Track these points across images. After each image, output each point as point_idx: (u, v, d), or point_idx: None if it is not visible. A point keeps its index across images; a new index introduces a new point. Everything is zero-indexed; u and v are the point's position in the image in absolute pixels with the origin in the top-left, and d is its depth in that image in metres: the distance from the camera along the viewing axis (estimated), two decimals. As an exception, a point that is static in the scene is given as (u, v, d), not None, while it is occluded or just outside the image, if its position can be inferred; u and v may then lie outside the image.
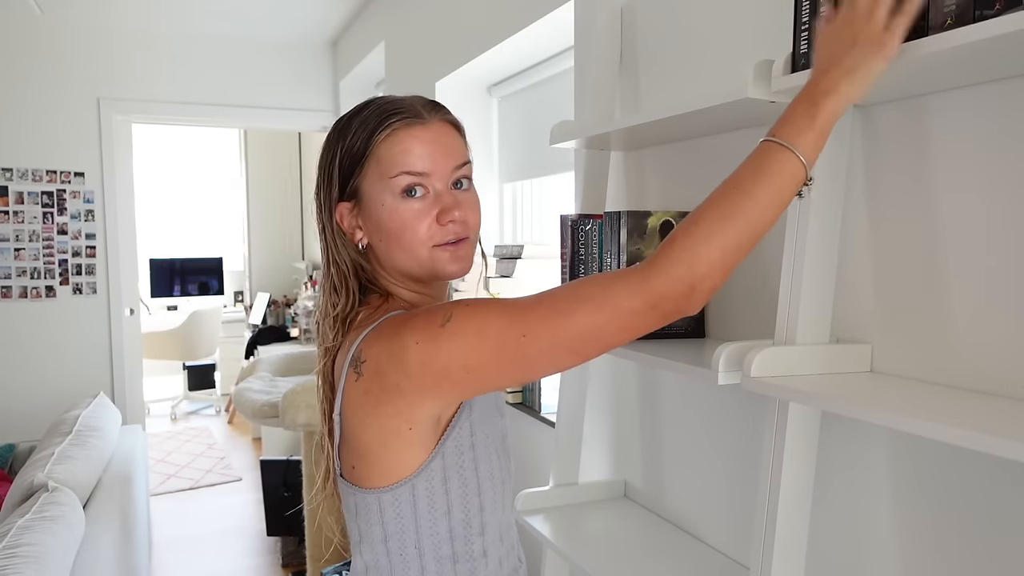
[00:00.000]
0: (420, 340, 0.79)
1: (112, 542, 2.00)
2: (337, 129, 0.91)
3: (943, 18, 0.76)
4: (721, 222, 0.74)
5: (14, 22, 3.87)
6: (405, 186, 0.87)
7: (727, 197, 0.75)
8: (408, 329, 0.80)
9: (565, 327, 0.76)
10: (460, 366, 0.78)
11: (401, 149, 0.87)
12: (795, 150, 0.75)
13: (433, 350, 0.78)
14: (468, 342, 0.78)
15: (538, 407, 2.20)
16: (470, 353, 0.78)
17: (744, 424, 1.32)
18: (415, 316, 0.82)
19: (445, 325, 0.79)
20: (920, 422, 0.76)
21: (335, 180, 0.90)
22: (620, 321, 0.75)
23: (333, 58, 4.53)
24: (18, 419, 3.94)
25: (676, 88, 1.46)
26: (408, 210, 0.87)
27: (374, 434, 0.84)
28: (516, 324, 0.77)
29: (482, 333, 0.78)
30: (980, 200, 0.90)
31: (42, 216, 4.01)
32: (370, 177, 0.88)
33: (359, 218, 0.90)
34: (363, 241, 0.91)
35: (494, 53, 2.47)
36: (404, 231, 0.88)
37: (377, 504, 0.86)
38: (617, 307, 0.74)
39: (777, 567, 1.01)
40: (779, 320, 1.02)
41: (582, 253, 1.46)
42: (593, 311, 0.75)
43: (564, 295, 0.78)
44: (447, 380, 0.80)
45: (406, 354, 0.79)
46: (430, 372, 0.79)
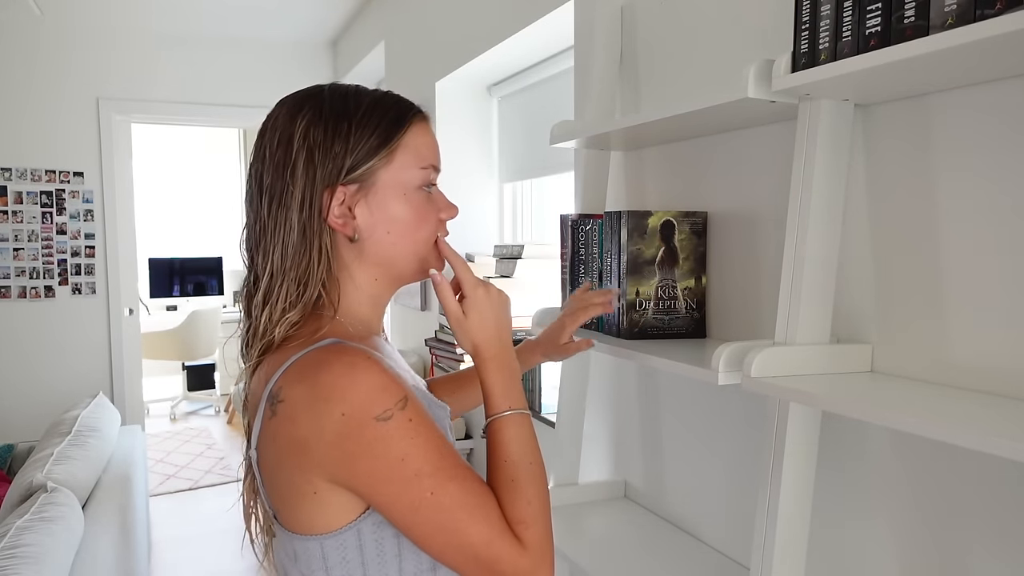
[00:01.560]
0: (348, 414, 0.74)
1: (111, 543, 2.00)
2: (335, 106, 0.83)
3: (943, 18, 0.76)
4: (538, 495, 0.82)
5: (14, 22, 3.87)
6: (429, 180, 0.87)
7: (524, 477, 0.82)
8: (339, 394, 0.74)
9: (456, 526, 0.76)
10: (368, 469, 0.75)
11: (425, 142, 0.87)
12: (520, 409, 0.87)
13: (355, 434, 0.74)
14: (389, 455, 0.75)
15: (538, 407, 2.20)
16: (382, 466, 0.75)
17: (744, 424, 1.32)
18: (351, 379, 0.75)
19: (383, 421, 0.74)
20: (920, 422, 0.76)
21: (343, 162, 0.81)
22: (481, 568, 0.77)
23: (333, 58, 4.53)
24: (17, 419, 3.94)
25: (676, 88, 1.46)
26: (427, 203, 0.87)
27: (286, 484, 0.80)
28: (433, 479, 0.76)
29: (405, 458, 0.75)
30: (981, 200, 0.90)
31: (41, 216, 4.01)
32: (396, 165, 0.84)
33: (357, 207, 0.83)
34: (357, 232, 0.83)
35: (494, 53, 2.47)
36: (421, 224, 0.86)
37: (320, 550, 0.80)
38: (489, 561, 0.77)
39: (777, 567, 1.01)
40: (779, 320, 1.02)
41: (582, 253, 1.46)
42: (478, 545, 0.76)
43: (479, 503, 0.78)
44: (348, 471, 0.76)
45: (326, 419, 0.74)
46: (340, 450, 0.74)
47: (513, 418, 0.85)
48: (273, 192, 0.82)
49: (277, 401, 0.77)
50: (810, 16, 0.92)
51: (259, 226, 0.84)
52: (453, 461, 0.78)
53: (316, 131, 0.82)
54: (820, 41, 0.91)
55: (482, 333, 0.88)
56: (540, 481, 0.83)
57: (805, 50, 0.93)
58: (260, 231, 0.84)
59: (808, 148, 0.99)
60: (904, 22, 0.80)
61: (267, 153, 0.84)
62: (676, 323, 1.33)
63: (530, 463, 0.83)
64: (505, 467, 0.82)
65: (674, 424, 1.51)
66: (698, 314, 1.34)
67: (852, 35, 0.86)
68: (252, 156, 0.87)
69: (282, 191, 0.82)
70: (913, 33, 0.78)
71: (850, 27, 0.87)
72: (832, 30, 0.89)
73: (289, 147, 0.82)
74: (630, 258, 1.30)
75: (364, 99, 0.85)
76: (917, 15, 0.78)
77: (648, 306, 1.32)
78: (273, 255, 0.83)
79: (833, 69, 0.87)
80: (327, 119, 0.82)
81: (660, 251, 1.31)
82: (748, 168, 1.28)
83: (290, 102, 0.86)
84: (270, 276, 0.83)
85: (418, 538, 0.78)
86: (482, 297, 0.88)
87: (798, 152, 1.01)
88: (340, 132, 0.82)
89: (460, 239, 3.00)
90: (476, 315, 0.88)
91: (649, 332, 1.32)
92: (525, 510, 0.80)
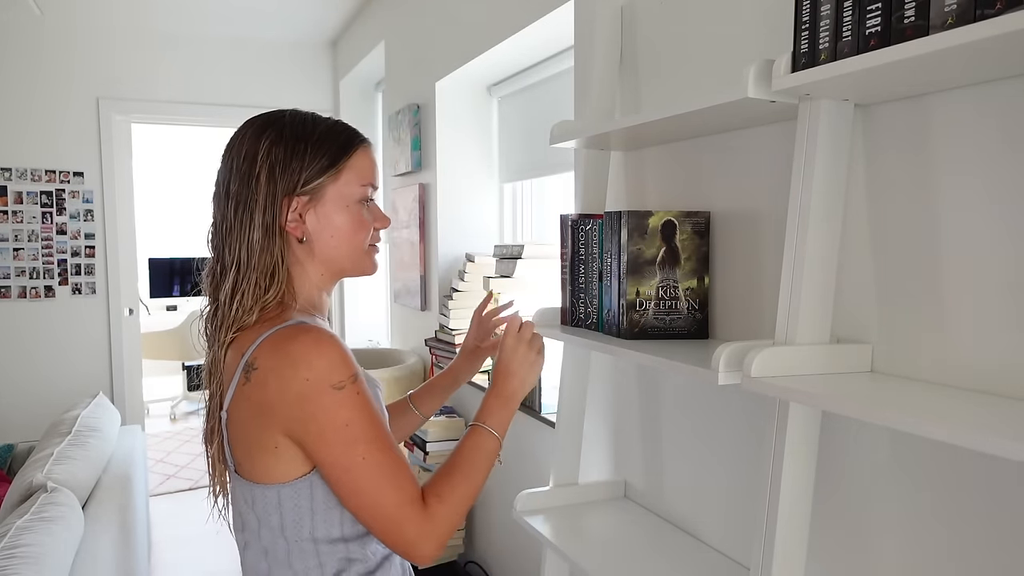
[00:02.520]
0: (311, 380, 0.90)
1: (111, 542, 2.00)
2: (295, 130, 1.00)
3: (943, 18, 0.76)
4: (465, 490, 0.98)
5: (14, 22, 3.87)
6: (368, 196, 1.04)
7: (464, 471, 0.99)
8: (305, 362, 0.90)
9: (376, 489, 0.91)
10: (318, 429, 0.90)
11: (368, 164, 1.05)
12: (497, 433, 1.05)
13: (314, 396, 0.90)
14: (336, 419, 0.90)
15: (538, 407, 2.19)
16: (330, 428, 0.90)
17: (744, 424, 1.32)
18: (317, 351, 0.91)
19: (337, 389, 0.90)
20: (920, 422, 0.76)
21: (298, 176, 0.98)
22: (389, 525, 0.92)
23: (333, 58, 4.53)
24: (17, 419, 3.94)
25: (676, 88, 1.46)
26: (365, 215, 1.04)
27: (254, 441, 0.95)
28: (367, 446, 0.91)
29: (349, 424, 0.91)
30: (981, 200, 0.90)
31: (41, 216, 4.01)
32: (342, 182, 1.01)
33: (307, 213, 0.99)
34: (306, 235, 1.00)
35: (494, 53, 2.47)
36: (358, 231, 1.03)
37: (276, 497, 0.95)
38: (398, 520, 0.92)
39: (777, 567, 1.01)
40: (779, 320, 1.02)
41: (582, 253, 1.46)
42: (390, 505, 0.92)
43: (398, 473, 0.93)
44: (303, 428, 0.91)
45: (291, 382, 0.90)
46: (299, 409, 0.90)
47: (491, 437, 1.03)
48: (239, 198, 0.98)
49: (252, 369, 0.93)
50: (810, 16, 0.92)
51: (225, 225, 1.00)
52: (384, 434, 0.94)
53: (277, 150, 0.98)
54: (820, 41, 0.91)
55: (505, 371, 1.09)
56: (472, 487, 0.98)
57: (805, 50, 0.93)
58: (227, 229, 0.99)
59: (808, 148, 0.99)
60: (904, 22, 0.80)
61: (234, 165, 1.00)
62: (677, 323, 1.33)
63: (475, 471, 1.00)
64: (457, 457, 1.00)
65: (674, 424, 1.51)
66: (700, 315, 1.34)
67: (852, 35, 0.86)
68: (220, 164, 1.03)
69: (247, 198, 0.98)
70: (913, 33, 0.78)
71: (850, 27, 0.87)
72: (832, 30, 0.89)
73: (254, 162, 0.98)
74: (630, 258, 1.30)
75: (320, 126, 1.02)
76: (917, 15, 0.78)
77: (648, 306, 1.31)
78: (240, 250, 0.98)
79: (833, 69, 0.88)
80: (287, 141, 0.99)
81: (661, 251, 1.31)
82: (748, 168, 1.28)
83: (256, 124, 1.02)
84: (237, 268, 0.98)
85: (343, 495, 0.93)
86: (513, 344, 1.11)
87: (798, 152, 1.01)
88: (297, 152, 0.99)
89: (460, 239, 3.02)
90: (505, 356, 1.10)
91: (650, 332, 1.32)
92: (447, 490, 0.96)
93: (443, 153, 2.95)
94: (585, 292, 1.46)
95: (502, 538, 2.52)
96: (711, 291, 1.36)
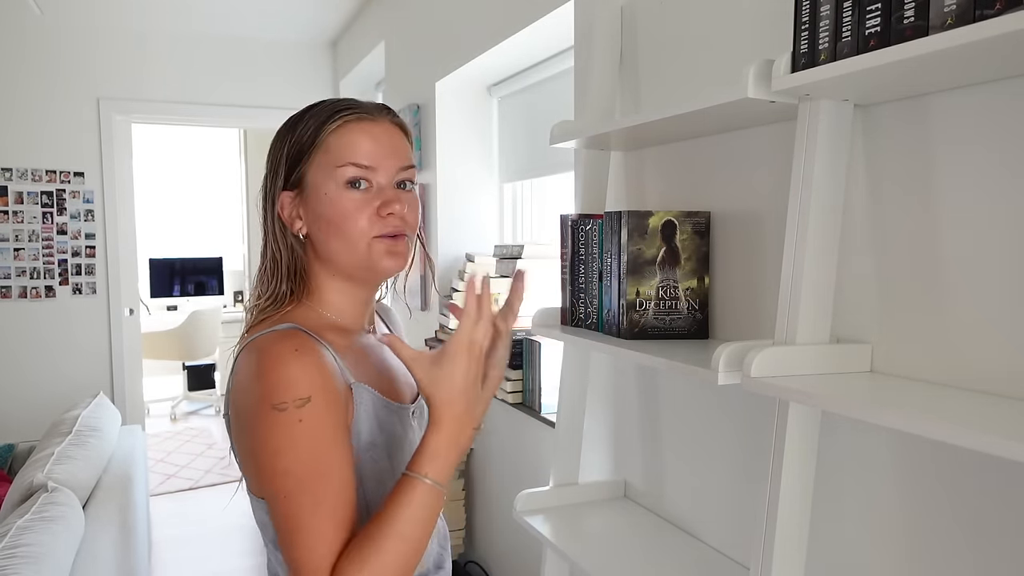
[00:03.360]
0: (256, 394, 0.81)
1: (112, 542, 2.00)
2: (289, 123, 0.94)
3: (943, 18, 0.76)
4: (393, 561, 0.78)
5: (14, 22, 3.87)
6: (350, 177, 0.88)
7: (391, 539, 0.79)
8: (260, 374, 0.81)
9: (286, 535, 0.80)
10: (249, 448, 0.84)
11: (348, 141, 0.89)
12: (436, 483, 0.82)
13: (254, 412, 0.81)
14: (267, 444, 0.80)
15: (538, 407, 2.20)
16: (258, 450, 0.82)
17: (744, 424, 1.32)
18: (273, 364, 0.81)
19: (275, 411, 0.79)
20: (920, 422, 0.76)
21: (281, 169, 0.92)
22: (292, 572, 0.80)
23: (333, 58, 4.53)
24: (17, 419, 3.94)
25: (676, 88, 1.46)
26: (351, 200, 0.89)
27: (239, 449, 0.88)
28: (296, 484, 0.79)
29: (278, 453, 0.80)
30: (980, 200, 0.90)
31: (41, 216, 4.01)
32: (316, 166, 0.90)
33: (300, 207, 0.92)
34: (303, 230, 0.93)
35: (494, 53, 2.47)
36: (345, 221, 0.88)
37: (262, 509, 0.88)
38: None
39: (777, 567, 1.01)
40: (779, 320, 1.02)
41: (582, 253, 1.46)
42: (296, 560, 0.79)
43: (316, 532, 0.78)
44: (240, 444, 0.86)
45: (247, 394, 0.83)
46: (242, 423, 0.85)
47: (425, 487, 0.81)
48: (263, 203, 0.96)
49: (233, 374, 0.87)
50: (810, 16, 0.92)
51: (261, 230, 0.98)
52: (324, 480, 0.80)
53: (276, 145, 0.94)
54: (820, 41, 0.91)
55: (445, 397, 0.82)
56: (398, 560, 0.79)
57: (805, 50, 0.93)
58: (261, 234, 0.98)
59: (808, 148, 0.99)
60: (904, 22, 0.80)
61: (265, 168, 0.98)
62: (678, 323, 1.33)
63: (403, 538, 0.79)
64: (381, 522, 0.79)
65: (674, 424, 1.51)
66: (701, 315, 1.34)
67: (852, 35, 0.86)
68: None
69: (263, 200, 0.96)
70: (913, 33, 0.79)
71: (850, 27, 0.87)
72: (832, 30, 0.89)
73: (267, 162, 0.96)
74: (630, 258, 1.30)
75: (313, 110, 0.93)
76: (917, 15, 0.78)
77: (648, 306, 1.32)
78: (266, 256, 0.96)
79: (833, 69, 0.88)
80: (283, 133, 0.94)
81: (661, 251, 1.31)
82: (748, 168, 1.28)
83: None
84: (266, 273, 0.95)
85: (272, 519, 0.83)
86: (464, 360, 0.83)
87: (798, 152, 1.01)
88: (283, 143, 0.93)
89: (460, 239, 3.01)
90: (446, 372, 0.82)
91: (650, 332, 1.32)
92: (354, 569, 0.77)
93: (443, 153, 2.94)
94: (585, 292, 1.46)
95: (502, 538, 2.52)
96: (711, 291, 1.36)
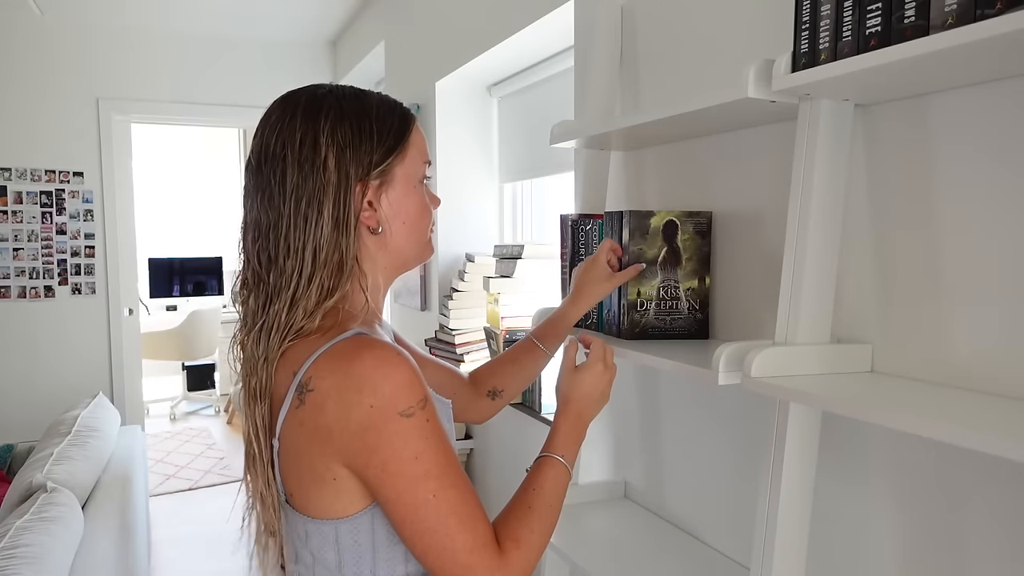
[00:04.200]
0: (376, 406, 0.78)
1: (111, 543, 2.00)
2: (354, 109, 0.87)
3: (943, 18, 0.76)
4: (543, 531, 0.88)
5: (14, 22, 3.87)
6: (427, 174, 0.95)
7: (540, 510, 0.89)
8: (369, 385, 0.78)
9: (447, 531, 0.79)
10: (381, 462, 0.79)
11: (422, 139, 0.95)
12: (569, 465, 0.95)
13: (379, 425, 0.78)
14: (404, 452, 0.78)
15: (538, 407, 2.19)
16: (396, 460, 0.78)
17: (744, 424, 1.32)
18: (383, 372, 0.78)
19: (405, 417, 0.78)
20: (920, 422, 0.76)
21: (360, 157, 0.86)
22: (458, 570, 0.80)
23: (333, 57, 4.53)
24: (17, 419, 3.94)
25: (676, 88, 1.46)
26: (425, 196, 0.95)
27: (307, 470, 0.84)
28: (438, 481, 0.80)
29: (419, 457, 0.79)
30: (980, 200, 0.90)
31: (41, 216, 4.01)
32: (408, 161, 0.91)
33: (379, 200, 0.88)
34: (380, 224, 0.89)
35: (494, 53, 2.47)
36: (424, 215, 0.94)
37: (334, 533, 0.85)
38: (470, 567, 0.80)
39: (777, 567, 1.01)
40: (779, 320, 1.02)
41: (582, 253, 1.46)
42: (462, 551, 0.80)
43: (471, 514, 0.81)
44: (364, 460, 0.79)
45: (355, 409, 0.78)
46: (360, 440, 0.78)
47: (562, 466, 0.93)
48: (302, 190, 0.84)
49: (307, 391, 0.81)
50: (810, 16, 0.92)
51: (283, 224, 0.85)
52: (456, 469, 0.82)
53: (342, 130, 0.85)
54: (820, 41, 0.91)
55: (583, 393, 1.00)
56: (550, 523, 0.89)
57: (805, 50, 0.93)
58: (285, 227, 0.85)
59: (808, 148, 0.99)
60: (904, 22, 0.80)
61: (288, 153, 0.85)
62: (678, 323, 1.33)
63: (550, 506, 0.90)
64: (532, 494, 0.90)
65: (674, 424, 1.51)
66: (701, 315, 1.34)
67: (852, 35, 0.86)
68: (260, 157, 0.88)
69: (313, 188, 0.84)
70: (913, 33, 0.78)
71: (850, 27, 0.87)
72: (832, 30, 0.89)
73: (316, 146, 0.84)
74: (631, 259, 1.30)
75: (372, 99, 0.91)
76: (917, 15, 0.78)
77: (649, 307, 1.31)
78: (303, 250, 0.84)
79: (833, 69, 0.87)
80: (350, 119, 0.86)
81: (662, 251, 1.31)
82: (748, 168, 1.28)
83: (302, 102, 0.88)
84: (299, 272, 0.84)
85: (408, 535, 0.81)
86: (601, 368, 1.02)
87: (798, 152, 1.01)
88: (364, 131, 0.87)
89: (460, 239, 3.02)
90: (589, 376, 1.01)
91: (650, 332, 1.32)
92: (525, 533, 0.85)
93: (443, 153, 2.94)
94: (585, 292, 1.46)
95: (502, 538, 2.51)
96: (712, 291, 1.36)
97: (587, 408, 1.01)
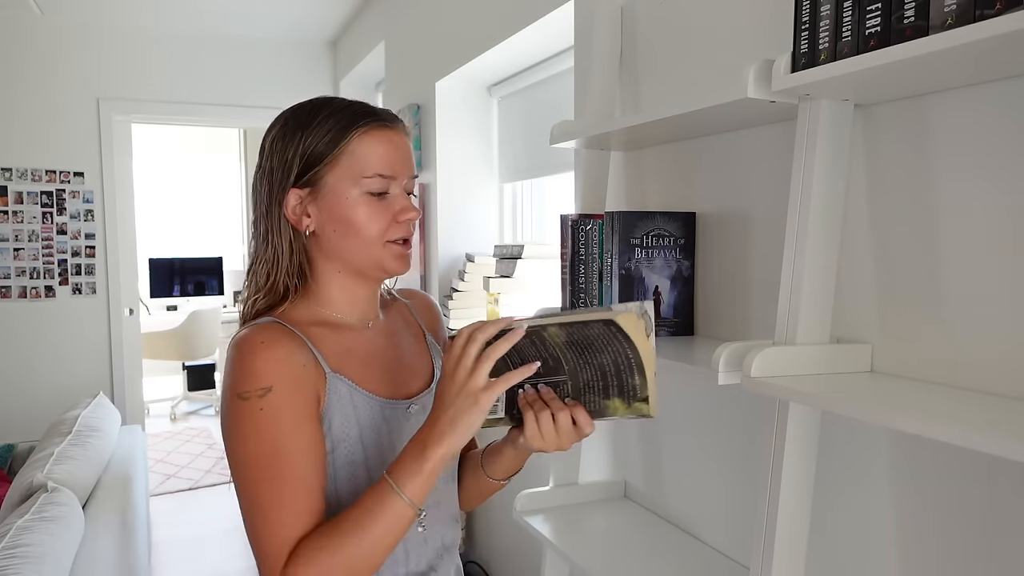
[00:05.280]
0: (227, 384, 0.87)
1: (111, 542, 2.00)
2: (297, 118, 0.94)
3: (943, 18, 0.76)
4: (340, 553, 0.81)
5: (14, 22, 3.87)
6: (376, 188, 0.92)
7: (347, 532, 0.81)
8: (231, 365, 0.87)
9: (251, 519, 0.85)
10: (225, 435, 0.88)
11: (375, 151, 0.92)
12: (403, 495, 0.81)
13: (224, 402, 0.87)
14: (235, 431, 0.86)
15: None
16: (229, 436, 0.87)
17: (744, 424, 1.32)
18: (241, 355, 0.86)
19: (240, 400, 0.85)
20: (920, 422, 0.76)
21: (293, 167, 0.92)
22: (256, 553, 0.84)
23: (333, 58, 4.53)
24: (17, 419, 3.94)
25: (676, 88, 1.46)
26: (372, 207, 0.93)
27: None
28: (257, 471, 0.85)
29: (245, 440, 0.85)
30: (980, 200, 0.90)
31: (41, 216, 4.01)
32: (340, 170, 0.92)
33: (310, 206, 0.94)
34: (310, 228, 0.94)
35: (494, 53, 2.46)
36: (366, 225, 0.93)
37: None
38: (260, 564, 0.84)
39: (777, 567, 1.01)
40: (779, 320, 1.02)
41: (582, 253, 1.46)
42: (257, 542, 0.84)
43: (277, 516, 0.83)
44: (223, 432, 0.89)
45: (223, 383, 0.89)
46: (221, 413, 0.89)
47: (400, 501, 0.81)
48: (258, 194, 0.97)
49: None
50: (810, 16, 0.92)
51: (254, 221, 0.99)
52: (285, 467, 0.84)
53: (277, 141, 0.94)
54: (820, 41, 0.91)
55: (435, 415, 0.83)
56: (355, 557, 0.80)
57: (805, 50, 0.93)
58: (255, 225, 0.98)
59: (808, 148, 0.99)
60: (904, 22, 0.80)
61: (259, 160, 0.98)
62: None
63: (364, 536, 0.80)
64: (352, 514, 0.82)
65: (674, 424, 1.51)
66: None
67: (852, 35, 0.86)
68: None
69: (259, 192, 0.96)
70: (913, 33, 0.79)
71: (850, 27, 0.87)
72: (832, 30, 0.89)
73: (263, 155, 0.96)
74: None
75: (325, 110, 0.93)
76: (917, 15, 0.78)
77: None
78: (258, 247, 0.97)
79: (833, 69, 0.88)
80: (288, 129, 0.94)
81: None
82: (748, 168, 1.28)
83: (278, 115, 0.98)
84: (251, 265, 0.98)
85: (239, 505, 0.87)
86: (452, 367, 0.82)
87: (798, 152, 1.01)
88: (294, 141, 0.93)
89: (460, 239, 3.01)
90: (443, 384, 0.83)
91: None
92: (315, 552, 0.81)
93: (443, 153, 2.94)
94: (585, 292, 1.46)
95: (502, 538, 2.52)
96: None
97: (433, 434, 0.81)
